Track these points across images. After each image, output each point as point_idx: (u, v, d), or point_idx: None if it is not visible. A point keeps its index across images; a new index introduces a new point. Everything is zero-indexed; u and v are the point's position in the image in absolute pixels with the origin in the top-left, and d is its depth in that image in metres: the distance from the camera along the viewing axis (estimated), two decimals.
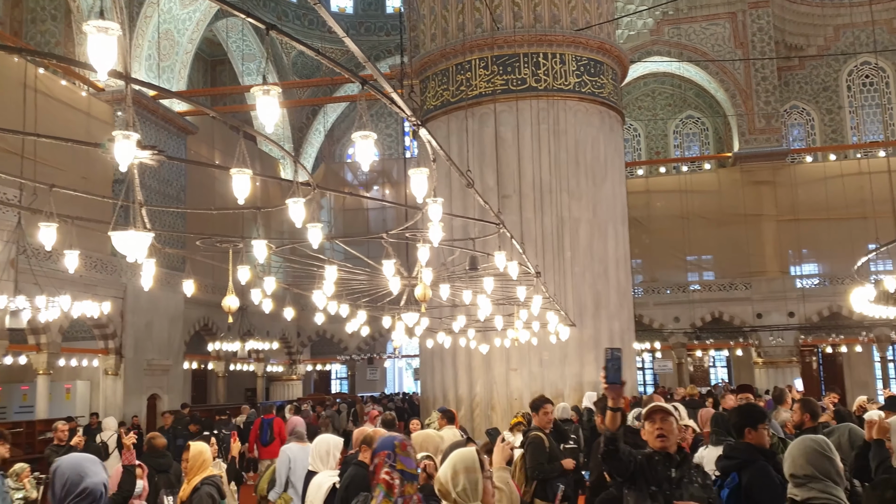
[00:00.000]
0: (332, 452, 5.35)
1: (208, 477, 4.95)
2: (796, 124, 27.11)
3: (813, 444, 3.36)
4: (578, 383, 14.93)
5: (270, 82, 3.68)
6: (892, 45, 25.73)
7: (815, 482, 3.25)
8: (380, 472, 2.55)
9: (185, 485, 5.02)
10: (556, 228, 15.55)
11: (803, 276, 24.54)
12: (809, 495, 3.23)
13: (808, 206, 23.36)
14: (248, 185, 4.53)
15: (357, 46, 3.78)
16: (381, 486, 2.55)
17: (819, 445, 3.35)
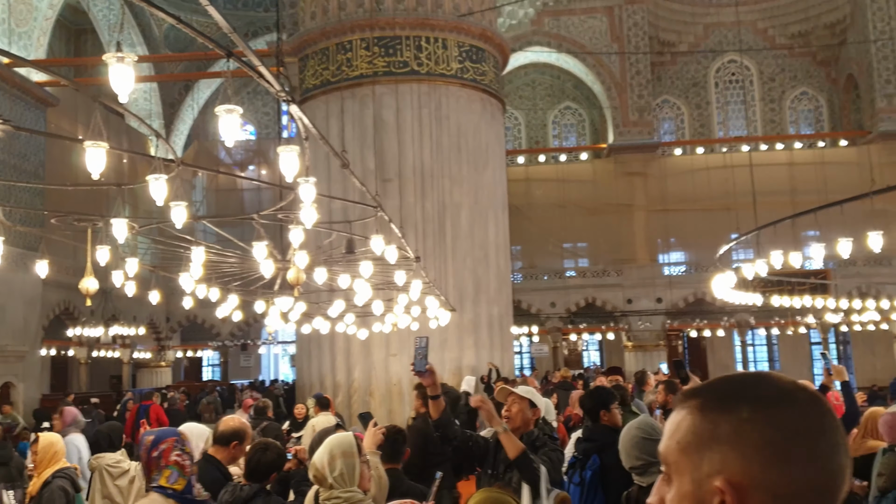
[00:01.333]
0: (195, 442, 5.07)
1: (60, 469, 4.66)
2: (667, 118, 28.26)
3: (638, 433, 3.40)
4: (458, 367, 15.01)
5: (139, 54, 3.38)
6: (757, 46, 27.20)
7: (654, 466, 3.30)
8: (170, 455, 2.87)
9: (35, 478, 4.70)
10: (438, 213, 15.56)
11: (671, 264, 25.68)
12: (652, 479, 3.28)
13: (676, 197, 24.41)
14: (103, 159, 4.20)
15: (233, 21, 3.51)
16: (172, 467, 2.87)
17: (644, 432, 3.40)
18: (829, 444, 0.92)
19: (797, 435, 0.91)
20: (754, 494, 0.90)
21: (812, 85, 27.85)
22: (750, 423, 0.92)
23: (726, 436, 0.92)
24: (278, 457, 4.04)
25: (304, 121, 4.89)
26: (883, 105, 24.31)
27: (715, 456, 0.92)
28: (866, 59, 24.84)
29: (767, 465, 0.90)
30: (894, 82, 24.36)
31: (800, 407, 0.93)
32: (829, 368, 5.57)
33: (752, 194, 14.89)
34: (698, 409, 0.97)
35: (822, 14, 26.42)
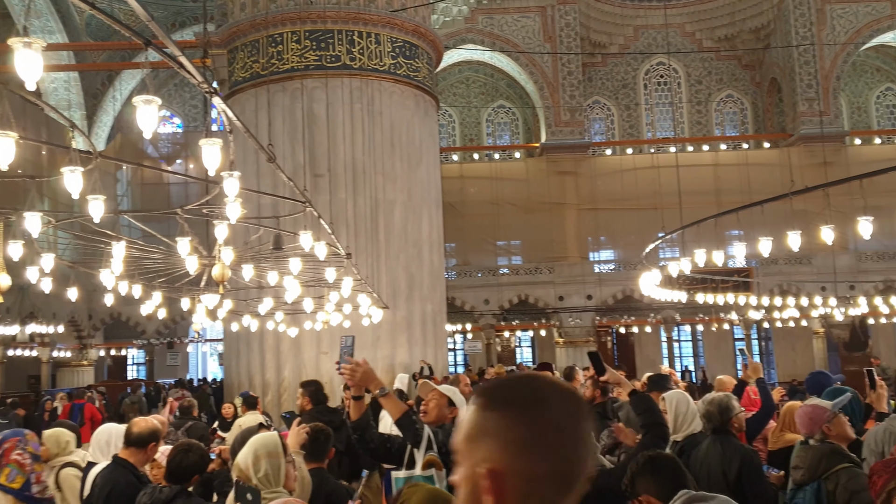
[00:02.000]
0: (112, 442, 4.89)
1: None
2: (598, 118, 28.70)
3: None
4: (390, 365, 14.93)
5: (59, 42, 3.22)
6: (685, 48, 27.85)
7: None
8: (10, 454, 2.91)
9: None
10: (371, 210, 15.45)
11: (601, 262, 26.10)
12: None
13: (606, 196, 24.82)
14: (11, 150, 4.01)
15: (160, 11, 3.38)
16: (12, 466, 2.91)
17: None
18: (572, 438, 1.12)
19: (545, 431, 1.11)
20: (510, 479, 1.10)
21: (737, 88, 28.68)
22: (509, 420, 1.12)
23: (493, 430, 1.13)
24: (201, 458, 3.92)
25: (228, 113, 4.76)
26: (804, 108, 25.20)
27: (483, 447, 1.13)
28: (789, 63, 25.70)
29: (519, 455, 1.10)
30: (815, 87, 25.26)
31: (551, 408, 1.13)
32: (746, 365, 5.71)
33: (678, 194, 15.21)
34: (480, 407, 1.16)
35: (747, 19, 27.22)
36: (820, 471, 3.51)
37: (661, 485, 2.42)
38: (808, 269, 23.99)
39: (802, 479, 3.56)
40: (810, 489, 3.51)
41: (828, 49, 25.30)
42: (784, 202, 8.62)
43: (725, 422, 4.35)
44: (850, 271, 23.77)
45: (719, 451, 4.26)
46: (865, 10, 25.59)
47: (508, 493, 1.10)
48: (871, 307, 20.71)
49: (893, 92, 29.17)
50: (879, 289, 23.44)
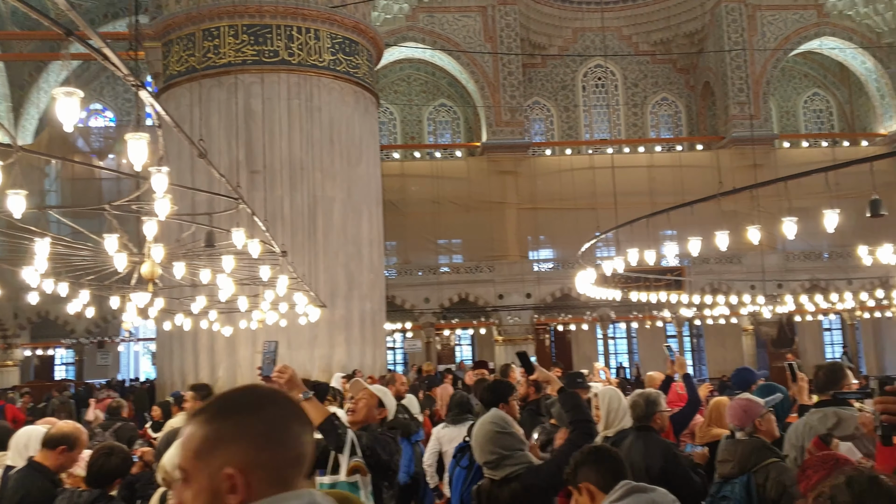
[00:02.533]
0: (30, 445, 4.73)
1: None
2: (538, 119, 28.98)
3: (492, 427, 3.47)
4: (328, 365, 14.84)
5: None
6: (621, 51, 28.32)
7: (507, 460, 3.38)
8: None
9: None
10: (309, 207, 15.33)
11: (540, 261, 26.37)
12: (506, 472, 3.35)
13: (545, 195, 25.08)
14: None
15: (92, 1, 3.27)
16: None
17: (497, 426, 3.47)
18: (295, 431, 1.32)
19: (278, 425, 1.30)
20: (254, 471, 1.26)
21: (672, 91, 29.29)
22: (246, 421, 1.29)
23: (230, 435, 1.28)
24: (123, 462, 3.83)
25: (157, 107, 4.66)
26: (735, 112, 25.88)
27: (221, 454, 1.27)
28: (721, 68, 26.37)
29: (264, 449, 1.28)
30: (746, 91, 25.96)
31: (276, 405, 1.34)
32: (673, 360, 5.83)
33: (613, 195, 15.48)
34: (204, 421, 1.31)
35: (682, 24, 27.82)
36: (750, 464, 3.56)
37: (603, 475, 2.48)
38: (738, 268, 24.66)
39: (731, 473, 3.59)
40: (740, 482, 3.55)
41: (758, 55, 26.03)
42: (714, 203, 8.84)
43: (649, 415, 4.46)
44: (777, 270, 24.50)
45: (642, 446, 4.36)
46: (794, 17, 26.40)
47: (255, 484, 1.26)
48: (797, 305, 21.42)
49: (820, 97, 30.19)
50: (805, 287, 24.26)
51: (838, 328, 28.23)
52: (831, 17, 26.34)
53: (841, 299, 20.98)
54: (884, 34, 26.21)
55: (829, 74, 29.79)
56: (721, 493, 3.62)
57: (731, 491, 3.58)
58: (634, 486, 2.15)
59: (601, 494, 2.41)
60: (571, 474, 2.55)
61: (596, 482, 2.47)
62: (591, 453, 2.58)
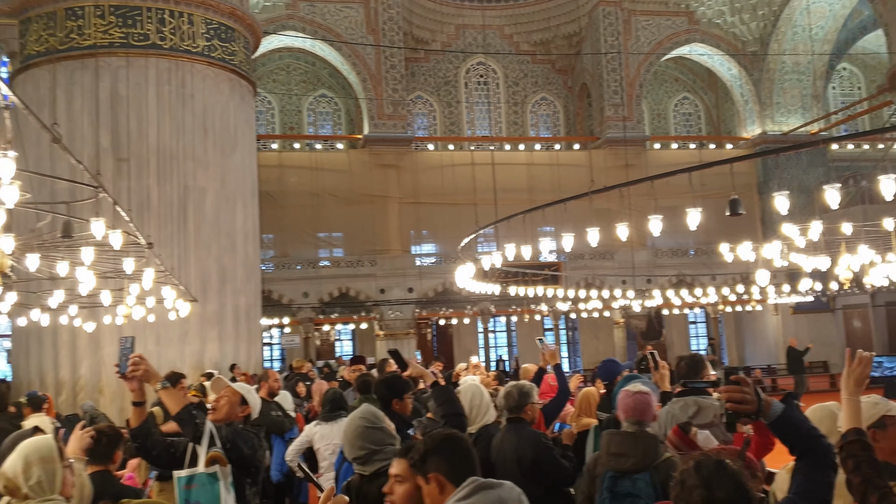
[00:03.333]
0: None
1: None
2: (421, 113, 29.02)
3: (362, 423, 3.40)
4: (199, 362, 14.36)
5: None
6: (503, 50, 28.76)
7: (377, 455, 3.31)
8: None
9: None
10: (180, 197, 14.77)
11: (422, 255, 26.43)
12: (376, 468, 3.28)
13: (428, 190, 25.16)
14: None
15: None
16: None
17: (368, 421, 3.42)
18: None
19: None
20: None
21: (551, 91, 30.01)
22: None
23: None
24: None
25: (3, 89, 4.30)
26: (610, 114, 26.79)
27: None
28: (598, 70, 27.22)
29: None
30: (621, 93, 26.91)
31: None
32: (544, 353, 5.94)
33: (494, 191, 15.69)
34: None
35: (561, 25, 28.52)
36: (650, 459, 3.52)
37: (455, 466, 2.37)
38: (611, 264, 25.56)
39: (633, 468, 3.52)
40: (643, 479, 3.50)
41: (633, 58, 27.04)
42: (588, 201, 9.08)
43: (521, 406, 4.48)
44: (647, 266, 25.57)
45: (514, 438, 4.39)
46: (667, 23, 27.56)
47: None
48: (664, 299, 22.43)
49: (689, 101, 31.70)
50: (673, 282, 25.45)
51: (703, 321, 29.76)
52: (701, 24, 27.67)
53: (705, 294, 22.12)
54: (749, 43, 27.78)
55: (699, 80, 31.32)
56: (619, 488, 3.54)
57: (633, 486, 3.52)
58: (482, 482, 2.09)
59: (451, 486, 2.29)
60: (420, 462, 2.41)
61: (447, 473, 2.35)
62: (442, 441, 2.45)
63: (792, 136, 27.24)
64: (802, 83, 27.90)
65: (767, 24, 27.32)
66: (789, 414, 2.25)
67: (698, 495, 1.95)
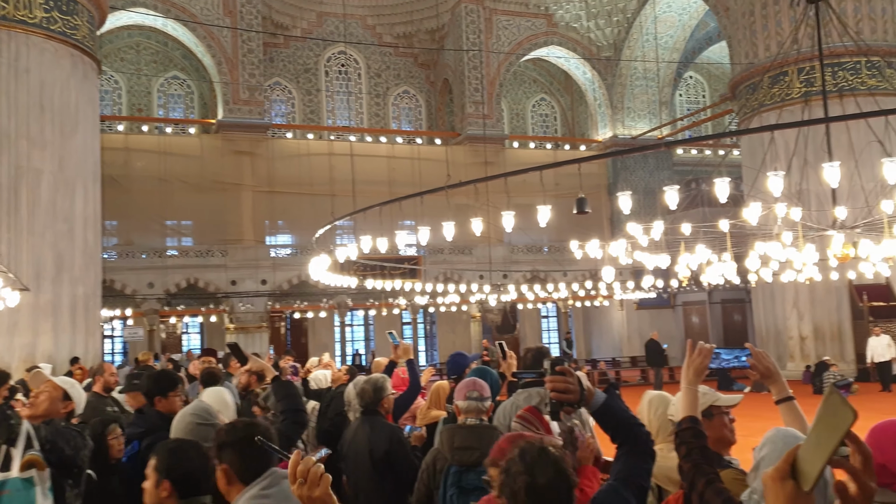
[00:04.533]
0: None
1: None
2: (279, 100, 28.31)
3: (192, 419, 3.28)
4: (30, 355, 13.40)
5: None
6: (365, 40, 28.52)
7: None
8: None
9: None
10: (11, 179, 13.75)
11: (277, 246, 25.77)
12: None
13: (284, 179, 24.55)
14: None
15: None
16: None
17: (199, 417, 3.29)
18: None
19: None
20: None
21: (413, 85, 30.07)
22: None
23: None
24: None
25: None
26: (471, 111, 27.15)
27: None
28: (460, 66, 27.51)
29: None
30: (481, 91, 27.32)
31: None
32: (396, 346, 5.90)
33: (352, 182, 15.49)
34: None
35: (424, 19, 28.62)
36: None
37: (244, 459, 2.30)
38: (469, 259, 25.95)
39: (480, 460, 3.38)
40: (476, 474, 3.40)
41: (493, 57, 27.52)
42: (447, 196, 9.09)
43: (377, 401, 4.46)
44: (503, 262, 26.15)
45: (368, 430, 4.35)
46: (526, 24, 28.24)
47: None
48: (519, 294, 23.02)
49: (546, 102, 32.66)
50: (527, 278, 26.17)
51: (554, 315, 30.80)
52: (559, 27, 28.54)
53: (556, 289, 22.89)
54: (603, 48, 28.93)
55: (555, 82, 32.33)
56: (466, 482, 3.48)
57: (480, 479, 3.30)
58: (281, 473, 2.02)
59: (237, 480, 2.27)
60: (217, 451, 2.35)
61: (236, 466, 2.30)
62: (237, 434, 2.37)
63: (641, 139, 28.63)
64: (652, 89, 29.38)
65: (621, 30, 28.55)
66: (610, 403, 2.30)
67: (522, 482, 1.98)
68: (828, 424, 1.12)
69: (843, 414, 1.10)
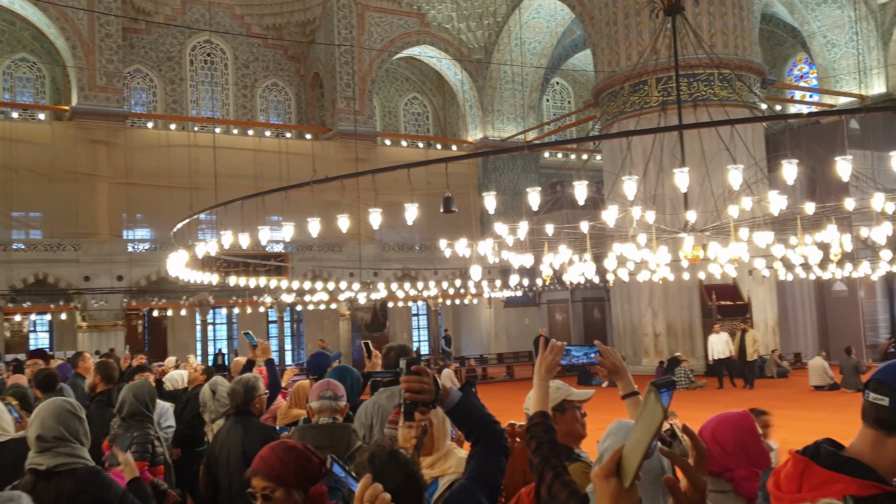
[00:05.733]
0: None
1: None
2: (140, 89, 27.00)
3: (66, 405, 3.06)
4: None
5: None
6: (233, 30, 27.65)
7: (63, 445, 2.93)
8: None
9: None
10: None
11: (136, 241, 24.55)
12: (56, 462, 2.88)
13: (144, 171, 23.39)
14: None
15: None
16: None
17: (73, 406, 3.08)
18: None
19: None
20: None
21: (283, 77, 29.44)
22: None
23: None
24: None
25: None
26: (342, 106, 26.86)
27: None
28: (331, 61, 27.16)
29: None
30: (353, 87, 27.08)
31: None
32: (254, 346, 5.76)
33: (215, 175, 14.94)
34: None
35: (295, 12, 28.07)
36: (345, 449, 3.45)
37: None
38: (339, 256, 25.68)
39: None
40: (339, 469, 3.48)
41: (366, 53, 27.34)
42: (318, 192, 8.90)
43: (248, 401, 4.34)
44: (374, 259, 26.05)
45: (240, 431, 4.23)
46: (399, 22, 28.23)
47: None
48: (389, 292, 22.97)
49: (419, 101, 32.79)
50: (398, 276, 26.16)
51: (425, 313, 30.96)
52: (432, 27, 28.71)
53: (426, 287, 23.00)
54: (474, 50, 29.34)
55: (428, 81, 32.51)
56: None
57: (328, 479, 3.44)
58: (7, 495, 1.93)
59: None
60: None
61: None
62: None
63: (510, 142, 29.25)
64: (520, 93, 30.07)
65: (492, 33, 29.05)
66: (466, 401, 2.28)
67: None
68: (644, 423, 1.15)
69: (656, 413, 1.13)
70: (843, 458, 1.51)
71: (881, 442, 1.50)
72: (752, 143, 18.33)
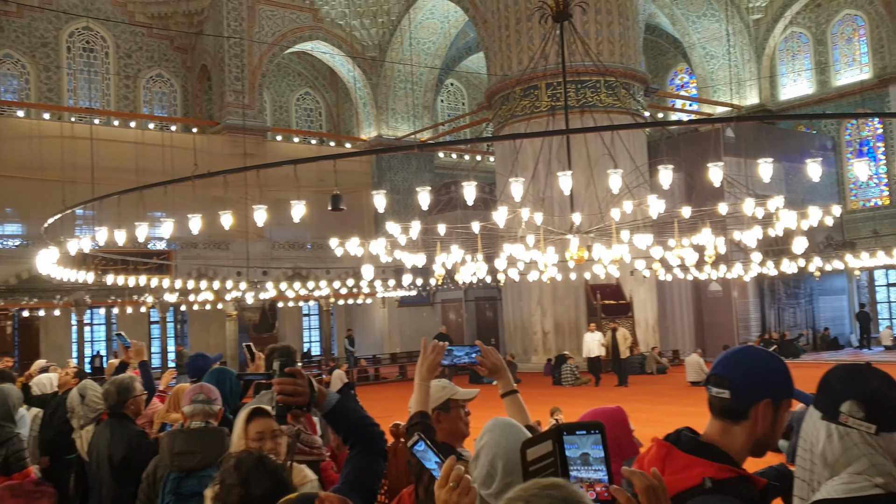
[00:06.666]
0: None
1: None
2: (10, 75, 25.43)
3: None
4: None
5: None
6: (114, 17, 26.44)
7: None
8: None
9: None
10: None
11: (5, 237, 23.11)
12: None
13: (14, 163, 22.00)
14: None
15: None
16: None
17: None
18: None
19: None
20: None
21: (168, 69, 28.39)
22: None
23: None
24: None
25: None
26: (231, 100, 26.14)
27: None
28: (220, 53, 26.38)
29: None
30: (242, 80, 26.40)
31: None
32: (127, 347, 5.52)
33: (92, 168, 14.22)
34: None
35: (181, 1, 27.11)
36: (217, 453, 3.37)
37: None
38: (226, 255, 24.97)
39: (200, 464, 3.38)
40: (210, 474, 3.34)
41: (256, 46, 26.71)
42: (203, 188, 8.60)
43: (121, 403, 4.25)
44: (263, 258, 25.48)
45: (108, 434, 4.16)
46: (291, 16, 27.73)
47: None
48: (279, 292, 22.51)
49: (311, 97, 32.32)
50: (288, 275, 25.66)
51: (316, 314, 30.52)
52: (325, 23, 28.34)
53: (317, 287, 22.67)
54: (369, 48, 29.16)
55: (321, 77, 32.09)
56: (184, 488, 3.34)
57: (199, 485, 3.31)
58: None
59: None
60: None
61: None
62: None
63: (404, 141, 29.24)
64: (415, 93, 30.12)
65: (385, 32, 28.97)
66: (343, 404, 2.24)
67: (236, 494, 1.93)
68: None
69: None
70: (702, 443, 1.65)
71: (729, 430, 1.66)
72: (635, 148, 19.00)
